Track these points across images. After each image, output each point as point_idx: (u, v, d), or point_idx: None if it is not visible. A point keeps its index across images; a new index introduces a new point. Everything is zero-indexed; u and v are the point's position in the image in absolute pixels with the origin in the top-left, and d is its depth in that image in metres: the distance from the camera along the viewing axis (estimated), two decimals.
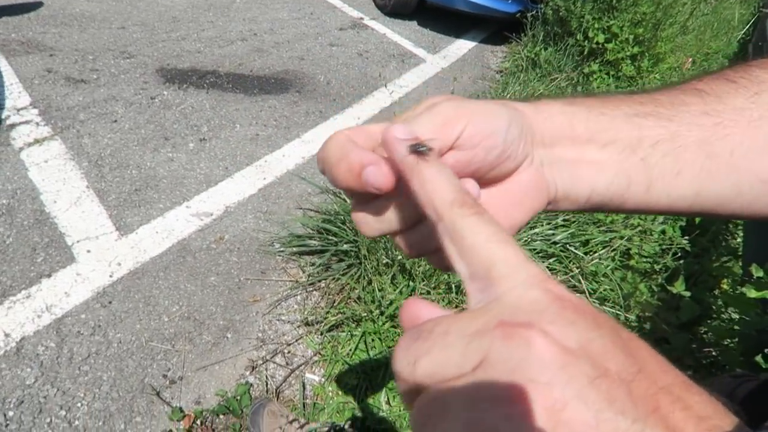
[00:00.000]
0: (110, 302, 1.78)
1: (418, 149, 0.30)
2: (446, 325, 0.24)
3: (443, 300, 1.84)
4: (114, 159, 2.40)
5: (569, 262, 2.06)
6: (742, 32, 5.36)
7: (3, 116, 2.53)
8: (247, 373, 1.67)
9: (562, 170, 0.37)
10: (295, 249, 2.06)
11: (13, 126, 2.48)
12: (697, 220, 2.32)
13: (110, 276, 1.86)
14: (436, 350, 0.23)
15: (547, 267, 2.01)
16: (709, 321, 1.86)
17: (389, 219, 0.35)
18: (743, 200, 0.37)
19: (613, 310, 1.98)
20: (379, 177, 0.31)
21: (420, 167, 0.29)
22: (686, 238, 2.27)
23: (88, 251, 1.93)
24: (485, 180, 0.35)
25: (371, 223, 0.35)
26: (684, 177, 0.36)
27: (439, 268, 0.37)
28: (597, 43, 3.73)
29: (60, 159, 2.34)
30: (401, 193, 0.33)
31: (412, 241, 0.36)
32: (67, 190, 2.18)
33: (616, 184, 0.37)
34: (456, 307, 1.77)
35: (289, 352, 1.75)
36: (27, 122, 2.52)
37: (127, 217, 2.11)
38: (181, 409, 1.52)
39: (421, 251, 0.36)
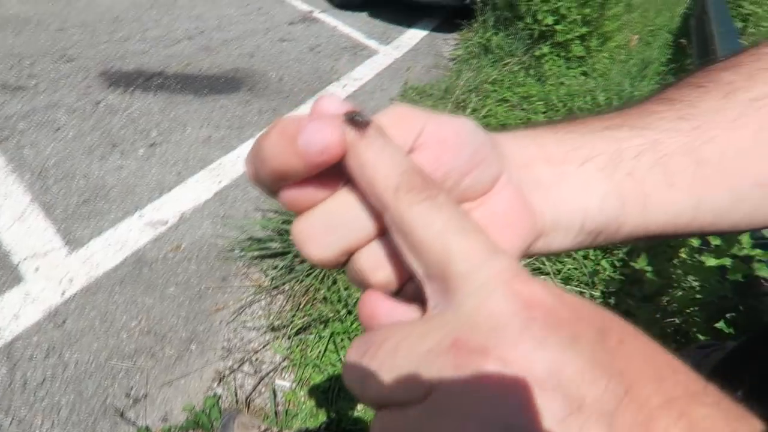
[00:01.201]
0: (64, 322, 1.69)
1: (354, 119, 0.23)
2: (397, 338, 0.21)
3: None
4: (59, 170, 2.28)
5: None
6: (684, 6, 5.51)
7: None
8: (215, 384, 1.62)
9: (545, 195, 0.30)
10: (256, 253, 2.01)
11: None
12: None
13: (62, 294, 1.77)
14: (383, 372, 0.20)
15: None
16: (670, 291, 1.90)
17: (346, 223, 0.25)
18: (744, 209, 0.33)
19: (579, 289, 2.01)
20: (323, 135, 0.22)
21: (357, 146, 0.23)
22: None
23: (37, 269, 1.84)
24: (460, 197, 0.27)
25: (320, 237, 0.25)
26: (678, 188, 0.32)
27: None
28: (546, 25, 3.76)
29: (0, 172, 2.22)
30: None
31: (383, 257, 0.26)
32: (10, 205, 2.07)
33: (609, 204, 0.31)
34: None
35: (256, 359, 1.71)
36: None
37: (76, 230, 2.01)
38: (147, 428, 1.46)
39: (402, 273, 0.26)
